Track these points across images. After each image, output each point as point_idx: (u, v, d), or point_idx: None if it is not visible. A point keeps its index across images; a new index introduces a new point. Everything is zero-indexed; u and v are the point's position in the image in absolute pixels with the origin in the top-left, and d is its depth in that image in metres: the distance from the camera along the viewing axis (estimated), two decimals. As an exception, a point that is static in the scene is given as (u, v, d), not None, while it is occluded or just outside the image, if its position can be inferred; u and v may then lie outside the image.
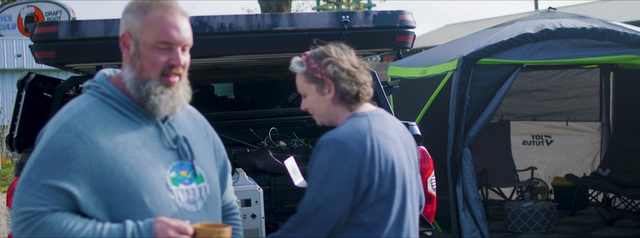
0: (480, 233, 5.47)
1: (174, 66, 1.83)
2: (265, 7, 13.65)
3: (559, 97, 7.79)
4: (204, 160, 1.96)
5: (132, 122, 1.83)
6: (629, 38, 5.53)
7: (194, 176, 1.89)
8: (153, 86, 1.82)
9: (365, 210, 2.01)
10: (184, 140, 1.90)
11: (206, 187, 1.92)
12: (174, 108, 1.86)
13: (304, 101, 2.21)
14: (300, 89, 2.19)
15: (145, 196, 1.76)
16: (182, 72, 1.87)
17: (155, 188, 1.78)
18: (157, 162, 1.82)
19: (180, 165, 1.87)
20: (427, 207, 3.71)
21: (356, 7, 28.21)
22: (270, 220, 3.99)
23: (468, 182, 5.50)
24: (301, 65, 2.17)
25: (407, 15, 3.57)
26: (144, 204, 1.76)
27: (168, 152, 1.86)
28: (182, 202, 1.84)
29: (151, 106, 1.83)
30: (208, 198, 1.92)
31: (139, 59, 1.82)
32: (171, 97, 1.85)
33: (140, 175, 1.77)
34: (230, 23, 3.33)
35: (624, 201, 6.85)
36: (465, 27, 22.55)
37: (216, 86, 5.79)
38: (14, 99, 4.25)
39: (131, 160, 1.77)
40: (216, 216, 1.96)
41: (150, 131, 1.86)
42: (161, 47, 1.81)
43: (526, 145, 7.96)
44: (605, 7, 19.12)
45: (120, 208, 1.75)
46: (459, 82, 5.52)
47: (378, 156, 2.01)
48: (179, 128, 1.94)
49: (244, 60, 4.05)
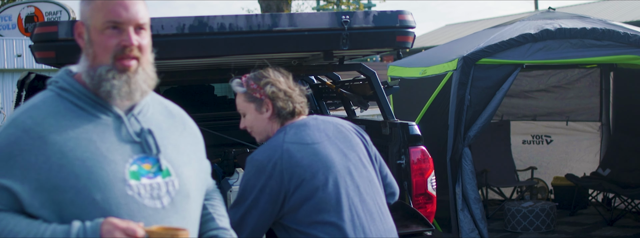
0: (479, 233, 5.47)
1: (126, 47, 1.70)
2: (265, 7, 13.66)
3: (559, 97, 7.79)
4: (175, 154, 1.82)
5: (89, 115, 1.72)
6: (628, 38, 5.53)
7: (159, 170, 1.75)
8: (104, 71, 1.70)
9: (302, 205, 2.20)
10: (149, 133, 1.77)
11: (174, 181, 1.77)
12: (130, 94, 1.73)
13: (243, 120, 2.40)
14: (240, 108, 2.39)
15: (96, 193, 1.63)
16: (139, 55, 1.74)
17: (108, 184, 1.65)
18: (114, 156, 1.69)
19: (143, 159, 1.74)
20: (427, 207, 3.71)
21: (356, 7, 28.20)
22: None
23: (468, 182, 5.50)
24: (241, 85, 2.35)
25: (407, 15, 3.57)
26: (95, 202, 1.62)
27: (129, 145, 1.73)
28: (142, 197, 1.69)
29: (104, 93, 1.71)
30: (177, 194, 1.76)
31: (91, 46, 1.72)
32: (126, 82, 1.72)
33: (92, 170, 1.64)
34: (230, 23, 3.33)
35: (624, 201, 6.85)
36: (465, 27, 22.55)
37: (216, 86, 5.80)
38: (14, 99, 4.26)
39: (83, 155, 1.65)
40: (187, 214, 1.79)
41: (110, 124, 1.73)
42: (110, 27, 1.70)
43: (526, 145, 7.96)
44: (605, 7, 19.13)
45: (70, 207, 1.62)
46: (459, 82, 5.53)
47: (288, 164, 2.20)
48: (147, 121, 1.81)
49: (244, 60, 4.05)
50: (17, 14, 14.87)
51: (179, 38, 3.26)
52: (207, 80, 5.10)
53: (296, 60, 4.23)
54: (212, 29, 3.31)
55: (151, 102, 1.88)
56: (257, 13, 5.50)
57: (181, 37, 3.27)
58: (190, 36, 3.28)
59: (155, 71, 1.86)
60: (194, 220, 1.83)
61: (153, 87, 1.81)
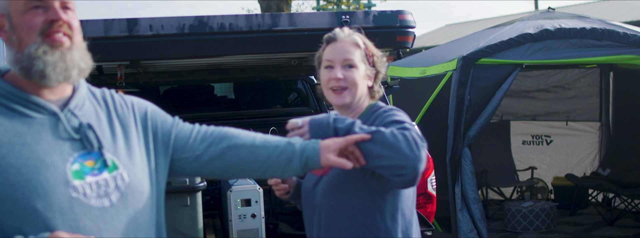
0: (478, 233, 5.47)
1: (54, 21, 1.57)
2: (265, 7, 13.66)
3: (559, 97, 7.79)
4: (118, 145, 1.68)
5: (22, 117, 1.57)
6: (628, 38, 5.53)
7: (104, 165, 1.62)
8: (33, 49, 1.55)
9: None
10: (88, 127, 1.63)
11: (122, 174, 1.64)
12: (67, 71, 1.58)
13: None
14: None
15: (36, 201, 1.49)
16: (70, 33, 1.60)
17: (49, 190, 1.51)
18: (52, 159, 1.55)
19: (84, 155, 1.60)
20: (427, 206, 3.71)
21: (356, 7, 28.19)
22: (270, 220, 4.00)
23: (467, 182, 5.50)
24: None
25: (407, 15, 3.58)
26: (36, 211, 1.49)
27: (67, 143, 1.59)
28: (88, 198, 1.56)
29: (38, 74, 1.55)
30: (126, 188, 1.63)
31: (15, 31, 1.58)
32: (61, 58, 1.57)
33: (28, 177, 1.50)
34: (230, 23, 3.34)
35: (624, 201, 6.86)
36: (465, 27, 22.55)
37: (216, 86, 5.80)
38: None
39: (17, 161, 1.50)
40: (138, 210, 1.66)
41: (46, 123, 1.59)
42: (32, 7, 1.57)
43: (526, 145, 7.97)
44: (604, 7, 19.13)
45: (9, 220, 1.48)
46: (459, 82, 5.53)
47: None
48: (84, 115, 1.66)
49: (244, 60, 4.05)
50: (17, 14, 14.84)
51: (179, 38, 3.27)
52: (207, 80, 5.11)
53: (296, 60, 4.23)
54: (212, 28, 3.32)
55: (85, 94, 1.72)
56: (257, 13, 5.51)
57: (181, 37, 3.27)
58: (190, 36, 3.28)
59: (155, 71, 1.79)
60: (146, 215, 1.70)
61: (90, 69, 1.66)
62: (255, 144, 1.81)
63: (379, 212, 1.99)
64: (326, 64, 2.07)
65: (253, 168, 1.81)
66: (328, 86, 2.06)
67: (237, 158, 1.80)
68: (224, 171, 1.83)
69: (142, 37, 3.24)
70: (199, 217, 3.44)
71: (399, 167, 1.75)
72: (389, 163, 1.76)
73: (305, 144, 1.80)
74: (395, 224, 2.01)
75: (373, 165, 1.80)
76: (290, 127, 1.90)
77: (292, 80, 5.36)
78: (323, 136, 1.83)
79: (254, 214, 3.50)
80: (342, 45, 2.06)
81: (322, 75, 2.09)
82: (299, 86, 5.43)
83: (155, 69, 4.03)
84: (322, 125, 1.84)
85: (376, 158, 1.77)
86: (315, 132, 1.84)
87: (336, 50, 2.05)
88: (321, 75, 2.10)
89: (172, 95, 5.48)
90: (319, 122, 1.85)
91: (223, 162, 1.80)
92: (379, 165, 1.78)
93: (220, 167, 1.81)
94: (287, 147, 1.80)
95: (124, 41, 3.26)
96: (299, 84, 5.42)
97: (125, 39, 3.21)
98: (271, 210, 4.01)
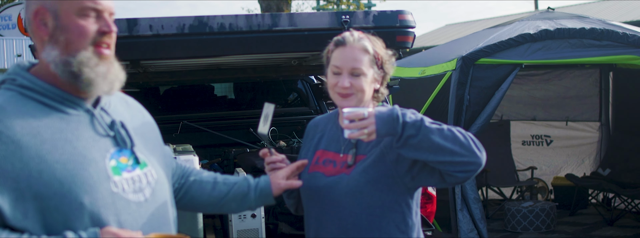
0: (478, 233, 5.47)
1: (105, 33, 1.61)
2: (265, 7, 13.66)
3: (559, 97, 7.80)
4: (144, 144, 1.75)
5: (60, 113, 1.59)
6: (627, 38, 5.53)
7: (136, 162, 1.68)
8: (86, 58, 1.58)
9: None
10: (121, 126, 1.68)
11: (152, 171, 1.72)
12: (112, 83, 1.64)
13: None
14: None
15: (84, 196, 1.52)
16: (111, 44, 1.65)
17: (95, 185, 1.55)
18: (93, 155, 1.58)
19: (118, 152, 1.65)
20: (426, 206, 3.72)
21: (356, 7, 28.19)
22: (270, 220, 4.00)
23: (467, 182, 5.51)
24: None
25: (407, 15, 3.58)
26: (83, 206, 1.51)
27: (103, 140, 1.63)
28: (126, 192, 1.61)
29: (86, 82, 1.58)
30: (156, 184, 1.71)
31: (63, 32, 1.58)
32: (108, 70, 1.62)
33: (74, 173, 1.52)
34: (230, 23, 3.34)
35: (624, 201, 6.86)
36: (465, 27, 22.55)
37: (216, 86, 5.80)
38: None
39: (62, 157, 1.52)
40: (166, 205, 1.75)
41: (82, 119, 1.62)
42: (87, 12, 1.59)
43: (526, 145, 7.97)
44: (604, 7, 19.12)
45: (55, 215, 1.50)
46: (458, 82, 5.53)
47: None
48: (114, 112, 1.72)
49: (244, 60, 4.05)
50: (17, 14, 14.86)
51: (179, 38, 3.27)
52: (207, 80, 5.11)
53: (296, 60, 4.23)
54: (212, 28, 3.32)
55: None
56: (257, 13, 5.51)
57: (181, 37, 3.27)
58: (190, 36, 3.28)
59: (155, 71, 1.81)
60: (171, 211, 1.79)
61: (124, 78, 1.73)
62: (217, 181, 2.05)
63: (407, 208, 2.05)
64: (334, 69, 2.04)
65: (212, 202, 2.05)
66: (335, 90, 2.05)
67: (200, 192, 2.04)
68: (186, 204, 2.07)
69: (142, 37, 3.24)
70: (199, 217, 3.43)
71: (468, 163, 1.86)
72: (459, 159, 1.85)
73: (258, 178, 2.07)
74: (417, 221, 2.09)
75: (441, 160, 1.85)
76: (352, 117, 1.84)
77: (292, 80, 5.36)
78: (390, 130, 1.83)
79: (254, 214, 3.50)
80: (351, 51, 2.03)
81: (330, 79, 2.07)
82: (299, 86, 5.43)
83: (155, 69, 4.03)
84: (391, 119, 1.83)
85: (448, 153, 1.84)
86: (382, 125, 1.83)
87: (345, 58, 2.02)
88: (328, 78, 2.08)
89: (172, 95, 5.48)
90: (387, 115, 1.84)
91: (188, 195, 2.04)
92: (449, 160, 1.85)
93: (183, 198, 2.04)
94: (243, 182, 2.05)
95: (124, 41, 3.25)
96: (299, 84, 5.42)
97: (125, 39, 3.20)
98: (271, 210, 4.01)
